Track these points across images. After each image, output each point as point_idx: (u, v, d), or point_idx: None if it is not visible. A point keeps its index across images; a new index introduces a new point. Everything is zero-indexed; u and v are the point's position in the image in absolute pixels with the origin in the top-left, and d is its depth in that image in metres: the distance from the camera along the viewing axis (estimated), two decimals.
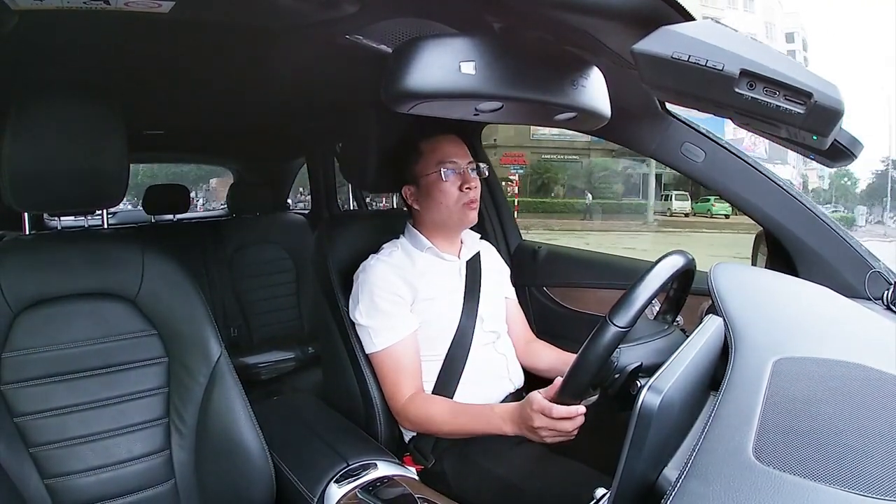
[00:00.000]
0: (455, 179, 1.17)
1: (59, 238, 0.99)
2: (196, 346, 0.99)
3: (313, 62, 1.18)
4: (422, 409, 1.10)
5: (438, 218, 1.21)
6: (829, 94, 0.51)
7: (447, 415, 1.08)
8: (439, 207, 1.19)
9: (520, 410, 0.96)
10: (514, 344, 1.31)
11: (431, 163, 1.18)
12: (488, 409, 1.03)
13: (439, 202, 1.18)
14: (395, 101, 0.67)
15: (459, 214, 1.19)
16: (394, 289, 1.14)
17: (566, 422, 0.90)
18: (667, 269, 0.85)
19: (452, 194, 1.17)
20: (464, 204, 1.18)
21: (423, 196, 1.20)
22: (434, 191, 1.18)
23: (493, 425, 1.01)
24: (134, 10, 0.75)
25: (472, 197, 1.18)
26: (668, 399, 0.51)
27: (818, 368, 0.59)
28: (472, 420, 1.05)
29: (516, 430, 0.97)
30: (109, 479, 0.92)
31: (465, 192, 1.17)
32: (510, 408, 0.99)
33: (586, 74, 0.75)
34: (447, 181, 1.16)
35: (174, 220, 2.66)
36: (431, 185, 1.18)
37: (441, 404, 1.11)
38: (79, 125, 0.90)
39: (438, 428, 1.10)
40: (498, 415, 1.00)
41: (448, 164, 1.17)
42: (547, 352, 1.31)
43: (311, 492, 0.95)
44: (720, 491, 0.43)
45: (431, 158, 1.18)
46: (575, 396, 0.88)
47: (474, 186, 1.18)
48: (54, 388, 0.90)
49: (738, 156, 1.14)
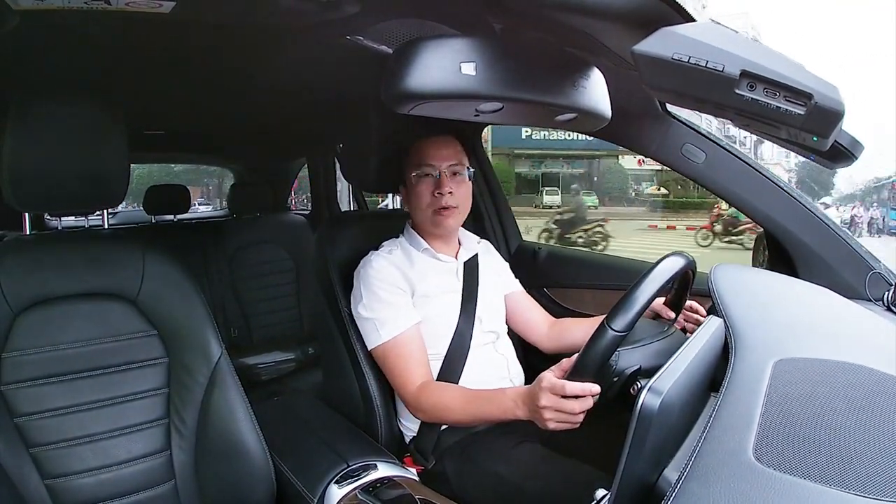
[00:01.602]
0: (429, 183, 1.17)
1: (59, 238, 0.99)
2: (196, 346, 0.99)
3: (314, 63, 1.18)
4: (435, 396, 1.08)
5: (417, 220, 1.23)
6: (830, 95, 0.51)
7: (461, 401, 1.06)
8: (415, 211, 1.21)
9: (529, 392, 0.92)
10: (538, 330, 1.32)
11: (412, 165, 1.19)
12: (500, 392, 1.00)
13: (415, 206, 1.20)
14: (396, 101, 0.67)
15: (432, 219, 1.19)
16: (395, 281, 1.15)
17: (574, 401, 0.84)
18: (666, 271, 0.85)
19: (424, 199, 1.18)
20: (434, 211, 1.17)
21: (409, 197, 1.22)
22: (412, 193, 1.20)
23: (505, 409, 0.97)
24: (135, 10, 0.74)
25: (442, 203, 1.16)
26: (668, 400, 0.51)
27: (818, 369, 0.59)
28: (485, 405, 1.02)
29: (527, 414, 0.93)
30: (109, 479, 0.92)
31: (437, 197, 1.16)
32: (522, 390, 0.96)
33: (587, 75, 0.75)
34: (418, 185, 1.18)
35: (174, 220, 2.66)
36: (411, 187, 1.20)
37: (454, 391, 1.10)
38: (79, 125, 0.90)
39: (453, 415, 1.07)
40: (510, 398, 0.96)
41: (424, 166, 1.17)
42: (575, 325, 1.29)
43: (312, 493, 0.95)
44: (720, 492, 0.43)
45: (413, 160, 1.19)
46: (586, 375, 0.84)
47: (447, 192, 1.16)
48: (54, 389, 0.90)
49: (738, 157, 1.14)
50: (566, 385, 0.83)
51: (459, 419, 1.07)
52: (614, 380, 0.84)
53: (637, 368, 0.84)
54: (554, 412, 0.86)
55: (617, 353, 0.82)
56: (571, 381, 0.83)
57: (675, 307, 1.05)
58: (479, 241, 1.34)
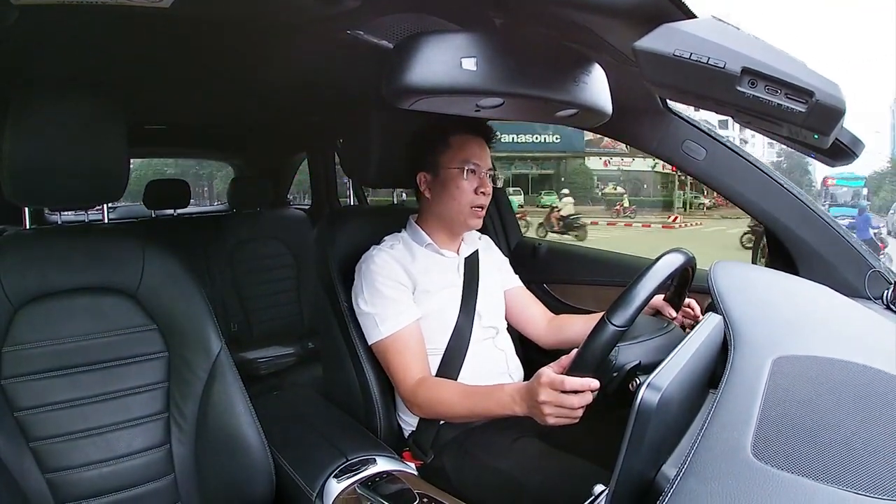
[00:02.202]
0: (473, 180, 1.19)
1: (59, 233, 0.99)
2: (196, 340, 0.99)
3: (314, 57, 1.17)
4: (433, 392, 1.08)
5: (447, 213, 1.22)
6: (831, 92, 0.51)
7: (458, 396, 1.06)
8: (451, 203, 1.20)
9: (527, 388, 0.92)
10: (537, 325, 1.32)
11: (457, 158, 1.19)
12: (498, 388, 1.00)
13: (453, 197, 1.20)
14: (397, 96, 0.67)
15: (467, 216, 1.20)
16: (396, 276, 1.15)
17: (573, 396, 0.84)
18: (666, 267, 0.85)
19: (468, 193, 1.19)
20: (472, 207, 1.19)
21: (439, 187, 1.21)
22: (451, 185, 1.19)
23: (503, 405, 0.97)
24: (135, 4, 0.74)
25: (482, 202, 1.20)
26: (666, 396, 0.51)
27: (817, 367, 0.59)
28: (482, 400, 1.02)
29: (526, 410, 0.93)
30: (109, 473, 0.93)
31: (479, 195, 1.19)
32: (520, 386, 0.96)
33: (588, 71, 0.75)
34: (467, 180, 1.18)
35: (174, 214, 2.66)
36: (451, 179, 1.19)
37: (451, 386, 1.10)
38: (79, 120, 0.90)
39: (449, 410, 1.07)
40: (508, 394, 0.96)
41: (472, 163, 1.19)
42: (573, 321, 1.30)
43: (311, 487, 0.95)
44: (718, 489, 0.43)
45: (458, 154, 1.19)
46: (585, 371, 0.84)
47: (488, 192, 1.21)
48: (54, 383, 0.91)
49: (739, 154, 1.14)
50: (565, 380, 0.84)
51: (456, 414, 1.08)
52: (614, 375, 0.84)
53: (637, 363, 0.84)
54: (553, 407, 0.86)
55: (617, 349, 0.82)
56: (571, 376, 0.83)
57: (675, 304, 1.05)
58: (479, 237, 1.34)
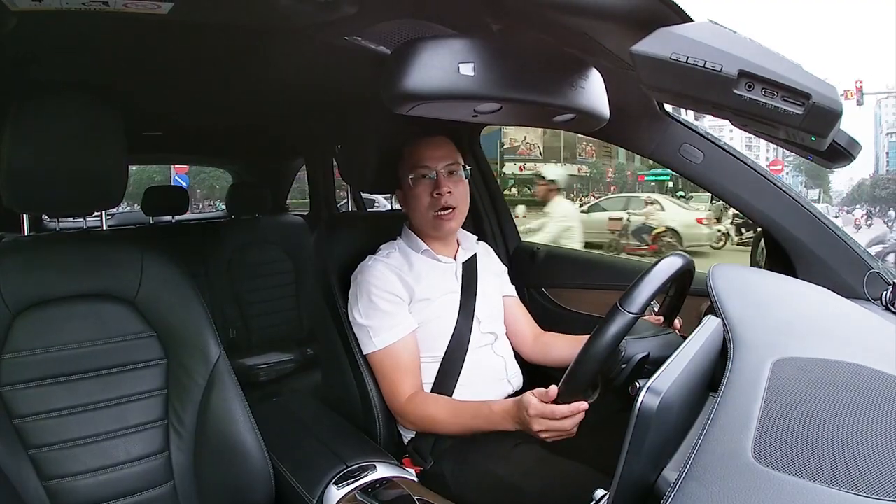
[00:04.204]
0: (427, 185, 1.16)
1: (57, 239, 0.99)
2: (195, 347, 0.98)
3: (312, 63, 1.18)
4: (422, 409, 1.09)
5: (417, 224, 1.22)
6: (828, 95, 0.51)
7: (447, 413, 1.08)
8: (415, 214, 1.20)
9: (516, 410, 0.96)
10: (523, 341, 1.31)
11: (407, 167, 1.18)
12: (486, 407, 1.03)
13: (414, 208, 1.19)
14: (395, 102, 0.67)
15: (432, 223, 1.18)
16: (392, 288, 1.14)
17: (566, 420, 0.89)
18: (670, 266, 0.85)
19: (423, 201, 1.16)
20: (435, 214, 1.16)
21: (406, 200, 1.22)
22: (410, 196, 1.19)
23: (494, 423, 1.01)
24: (133, 11, 0.74)
25: (442, 204, 1.15)
26: (666, 400, 0.51)
27: (817, 369, 0.59)
28: (472, 419, 1.05)
29: (517, 427, 0.97)
30: (108, 480, 0.92)
31: (436, 198, 1.15)
32: (507, 405, 0.99)
33: (585, 76, 0.75)
34: (416, 187, 1.17)
35: (173, 221, 2.66)
36: (409, 190, 1.19)
37: (441, 403, 1.11)
38: (77, 126, 0.90)
39: (439, 427, 1.09)
40: (497, 413, 1.00)
41: (420, 168, 1.16)
42: (559, 342, 1.29)
43: (311, 493, 0.95)
44: (719, 492, 0.43)
45: (408, 162, 1.19)
46: (577, 393, 0.87)
47: (446, 192, 1.15)
48: (53, 390, 0.90)
49: (736, 157, 1.14)
50: (555, 410, 0.89)
51: (447, 431, 1.09)
52: (623, 366, 0.85)
53: (646, 355, 0.85)
54: (547, 431, 0.92)
55: (625, 341, 0.84)
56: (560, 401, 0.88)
57: (674, 309, 1.05)
58: (477, 242, 1.34)
